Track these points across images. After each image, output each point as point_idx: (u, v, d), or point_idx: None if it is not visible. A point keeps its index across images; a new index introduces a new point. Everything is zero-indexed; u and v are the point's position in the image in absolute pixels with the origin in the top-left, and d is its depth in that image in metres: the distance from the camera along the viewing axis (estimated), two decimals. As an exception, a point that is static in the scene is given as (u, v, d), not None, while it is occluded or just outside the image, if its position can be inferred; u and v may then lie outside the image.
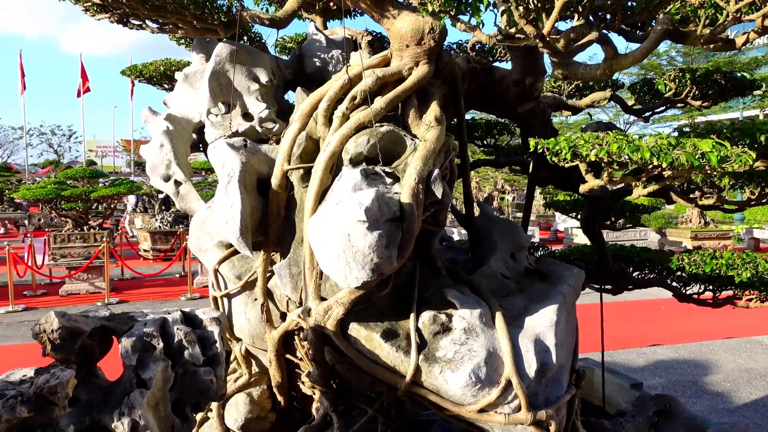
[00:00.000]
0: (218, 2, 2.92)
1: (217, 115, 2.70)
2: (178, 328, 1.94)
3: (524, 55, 2.78)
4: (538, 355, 2.34)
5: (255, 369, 3.05)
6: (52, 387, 1.70)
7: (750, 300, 3.34)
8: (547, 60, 2.79)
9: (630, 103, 3.56)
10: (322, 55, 2.98)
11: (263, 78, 2.71)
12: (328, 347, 2.49)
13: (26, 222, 16.72)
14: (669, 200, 2.94)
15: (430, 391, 2.32)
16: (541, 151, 2.35)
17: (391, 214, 2.14)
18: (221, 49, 2.65)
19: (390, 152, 2.41)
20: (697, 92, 3.21)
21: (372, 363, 2.37)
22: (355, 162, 2.34)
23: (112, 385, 1.92)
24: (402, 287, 2.59)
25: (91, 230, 10.98)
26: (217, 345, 1.98)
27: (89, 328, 1.82)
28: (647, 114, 3.55)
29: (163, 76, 3.66)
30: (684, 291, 3.55)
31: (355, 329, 2.35)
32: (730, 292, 3.42)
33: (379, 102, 2.39)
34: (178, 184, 3.06)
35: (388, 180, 2.31)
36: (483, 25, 2.20)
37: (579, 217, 3.92)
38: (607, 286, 4.01)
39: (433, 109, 2.45)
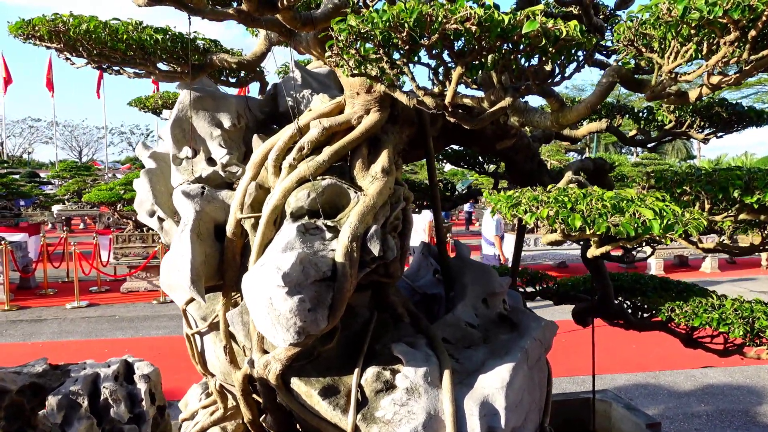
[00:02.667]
0: (196, 43, 2.98)
1: (181, 161, 2.76)
2: (105, 386, 2.00)
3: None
4: (483, 419, 2.24)
5: (231, 403, 3.11)
6: (-25, 445, 1.80)
7: (763, 349, 3.03)
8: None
9: (632, 132, 3.30)
10: (295, 94, 2.97)
11: (226, 123, 2.74)
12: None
13: (96, 221, 18.01)
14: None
15: (372, 449, 2.28)
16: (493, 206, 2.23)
17: (320, 274, 2.11)
18: (184, 96, 2.70)
19: (335, 205, 2.37)
20: (700, 124, 2.93)
21: (315, 417, 2.36)
22: (296, 216, 2.32)
23: (43, 439, 2.01)
24: (357, 336, 2.55)
25: (150, 231, 11.62)
26: (143, 403, 2.02)
27: (17, 386, 1.91)
28: (651, 144, 3.28)
29: (162, 108, 3.79)
30: (691, 335, 3.26)
31: (296, 384, 2.34)
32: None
33: (323, 154, 2.35)
34: (161, 220, 3.16)
35: (328, 235, 2.27)
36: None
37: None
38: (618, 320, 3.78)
39: (381, 160, 2.38)
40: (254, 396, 2.89)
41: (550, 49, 1.51)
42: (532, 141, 3.19)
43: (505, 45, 1.53)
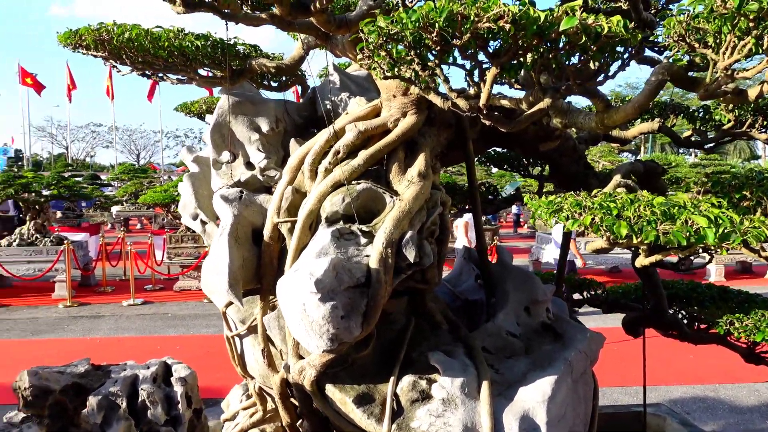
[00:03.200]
0: (236, 49, 3.02)
1: (221, 165, 2.79)
2: (142, 388, 2.04)
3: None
4: (523, 433, 2.14)
5: (270, 406, 3.13)
6: (21, 442, 1.86)
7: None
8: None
9: (687, 133, 3.11)
10: (333, 98, 2.95)
11: (264, 127, 2.75)
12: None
13: (152, 221, 18.73)
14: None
15: (408, 459, 2.22)
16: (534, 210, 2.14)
17: (354, 281, 2.07)
18: (223, 101, 2.73)
19: (371, 209, 2.34)
20: (762, 123, 2.73)
21: (350, 425, 2.32)
22: (331, 221, 2.29)
23: (85, 437, 2.06)
24: (393, 344, 2.50)
25: (200, 232, 11.95)
26: (180, 406, 2.04)
27: (59, 386, 1.97)
28: (708, 145, 3.09)
29: (207, 113, 3.87)
30: (753, 349, 3.04)
31: (331, 391, 2.31)
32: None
33: (359, 158, 2.32)
34: (204, 223, 3.21)
35: (363, 240, 2.23)
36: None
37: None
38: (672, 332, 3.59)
39: (418, 164, 2.33)
40: (292, 400, 2.89)
41: (591, 46, 1.42)
42: (578, 143, 3.05)
43: (543, 44, 1.44)
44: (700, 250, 2.22)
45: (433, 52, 1.52)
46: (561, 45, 1.46)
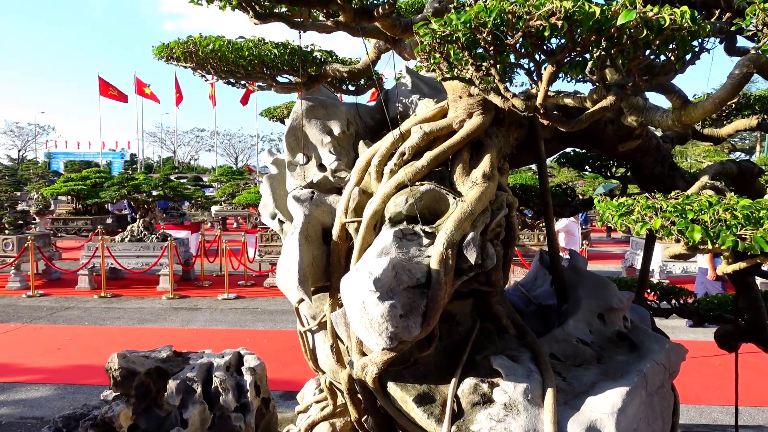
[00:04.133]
0: (313, 56, 3.14)
1: (295, 167, 2.92)
2: (216, 375, 2.18)
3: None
4: (589, 445, 2.05)
5: (340, 401, 3.22)
6: (110, 417, 2.07)
7: None
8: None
9: (793, 130, 2.83)
10: (404, 100, 2.99)
11: (336, 130, 2.84)
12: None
13: (247, 220, 19.79)
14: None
15: (468, 462, 2.21)
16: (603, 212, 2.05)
17: (414, 281, 2.09)
18: (298, 106, 2.85)
19: (435, 210, 2.34)
20: None
21: (411, 424, 2.34)
22: (394, 221, 2.33)
23: (165, 417, 2.24)
24: (457, 346, 2.49)
25: (289, 231, 12.47)
26: (249, 394, 2.16)
27: (144, 369, 2.16)
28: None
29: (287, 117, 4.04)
30: None
31: (392, 389, 2.34)
32: None
33: (423, 159, 2.33)
34: (281, 222, 3.37)
35: (426, 241, 2.24)
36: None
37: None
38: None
39: (483, 165, 2.30)
40: (359, 396, 2.95)
41: (655, 41, 1.34)
42: (663, 142, 2.87)
43: (602, 39, 1.38)
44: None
45: (489, 52, 1.51)
46: (622, 40, 1.39)
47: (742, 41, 2.58)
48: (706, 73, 3.08)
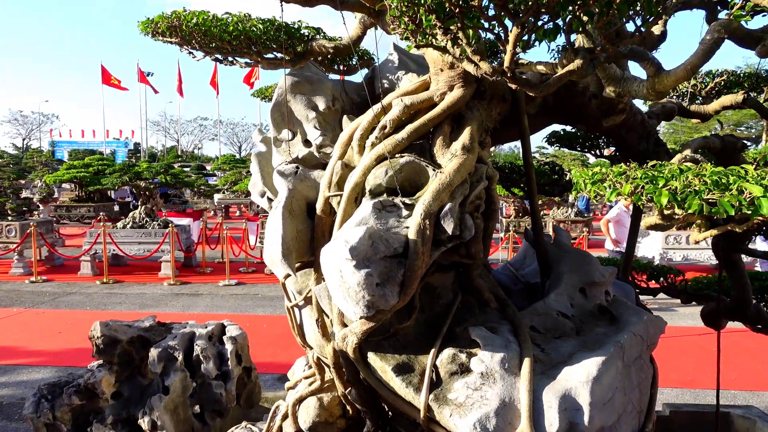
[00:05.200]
0: (301, 33, 3.14)
1: (281, 143, 2.93)
2: (197, 344, 2.21)
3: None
4: (564, 413, 2.07)
5: (328, 375, 3.25)
6: (92, 383, 2.10)
7: None
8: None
9: (781, 106, 2.82)
10: (390, 76, 2.99)
11: (321, 105, 2.84)
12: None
13: (249, 208, 19.88)
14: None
15: (446, 430, 2.23)
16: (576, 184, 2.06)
17: (391, 251, 2.11)
18: (282, 81, 2.86)
19: (415, 183, 2.36)
20: None
21: (391, 394, 2.37)
22: (374, 193, 2.34)
23: (148, 385, 2.28)
24: (438, 318, 2.51)
25: (290, 218, 12.49)
26: (230, 363, 2.20)
27: (126, 337, 2.19)
28: (803, 119, 2.78)
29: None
30: None
31: (372, 359, 2.37)
32: None
33: (403, 132, 2.34)
34: (270, 200, 3.39)
35: (405, 212, 2.26)
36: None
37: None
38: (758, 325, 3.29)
39: (463, 137, 2.31)
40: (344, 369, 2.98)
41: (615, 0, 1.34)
42: (648, 118, 2.87)
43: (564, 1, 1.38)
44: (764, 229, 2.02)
45: (456, 16, 1.51)
46: (587, 1, 1.39)
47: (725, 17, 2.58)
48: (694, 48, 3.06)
